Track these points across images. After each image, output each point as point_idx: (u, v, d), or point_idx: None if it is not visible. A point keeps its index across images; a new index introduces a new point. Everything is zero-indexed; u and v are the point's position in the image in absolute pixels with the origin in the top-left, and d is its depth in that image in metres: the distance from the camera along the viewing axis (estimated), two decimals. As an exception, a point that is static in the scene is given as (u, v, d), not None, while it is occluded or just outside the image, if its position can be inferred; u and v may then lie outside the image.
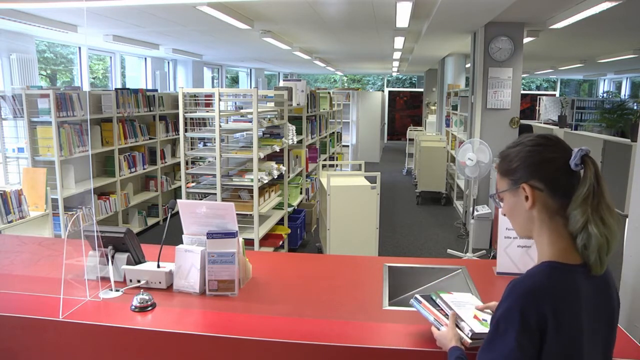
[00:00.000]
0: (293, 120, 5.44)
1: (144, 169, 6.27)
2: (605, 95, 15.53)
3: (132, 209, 6.10)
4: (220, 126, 3.93)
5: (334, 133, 7.90)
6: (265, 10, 5.35)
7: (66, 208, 4.80)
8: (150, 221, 6.45)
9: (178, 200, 2.04)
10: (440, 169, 7.96)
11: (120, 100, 5.61)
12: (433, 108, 12.96)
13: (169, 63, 10.63)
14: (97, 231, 1.91)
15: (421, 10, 5.23)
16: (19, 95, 4.49)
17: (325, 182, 4.43)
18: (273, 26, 6.42)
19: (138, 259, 2.02)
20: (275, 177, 4.54)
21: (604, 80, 17.08)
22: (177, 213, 2.01)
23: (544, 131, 7.72)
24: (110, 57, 8.91)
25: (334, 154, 7.91)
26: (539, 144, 1.18)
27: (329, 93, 7.44)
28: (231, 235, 1.91)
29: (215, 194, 4.04)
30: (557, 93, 18.84)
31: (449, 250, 5.46)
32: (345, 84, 22.16)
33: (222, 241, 1.90)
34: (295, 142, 5.24)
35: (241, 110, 4.60)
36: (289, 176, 5.07)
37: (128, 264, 1.99)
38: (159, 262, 1.97)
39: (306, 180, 5.89)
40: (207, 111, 4.20)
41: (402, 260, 2.31)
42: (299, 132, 5.48)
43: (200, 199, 4.21)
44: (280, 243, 4.72)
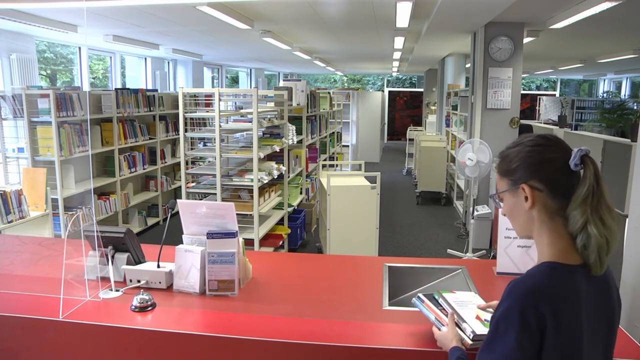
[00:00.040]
0: (293, 120, 5.44)
1: (144, 169, 6.27)
2: (605, 95, 15.53)
3: (132, 209, 6.10)
4: (220, 126, 3.93)
5: (334, 133, 7.90)
6: (265, 10, 5.35)
7: (66, 208, 4.80)
8: (150, 221, 6.45)
9: (178, 200, 2.04)
10: (440, 169, 7.96)
11: (120, 100, 5.61)
12: (433, 108, 12.96)
13: (169, 63, 10.63)
14: (97, 231, 1.91)
15: (421, 10, 5.23)
16: (19, 95, 4.49)
17: (325, 182, 4.43)
18: (273, 26, 6.43)
19: (138, 259, 2.02)
20: (275, 177, 4.54)
21: (604, 80, 17.08)
22: (177, 213, 2.01)
23: (544, 131, 7.72)
24: (110, 57, 8.91)
25: (334, 154, 7.91)
26: (539, 144, 1.18)
27: (329, 93, 7.44)
28: (231, 235, 1.91)
29: (215, 194, 4.04)
30: (557, 93, 18.84)
31: (449, 250, 5.46)
32: (345, 84, 22.15)
33: (222, 241, 1.90)
34: (295, 142, 5.24)
35: (241, 110, 4.60)
36: (289, 176, 5.07)
37: (128, 264, 1.99)
38: (159, 262, 1.98)
39: (306, 180, 5.89)
40: (207, 111, 4.20)
41: (402, 260, 2.31)
42: (299, 132, 5.48)
43: (200, 199, 4.21)
44: (280, 243, 4.72)
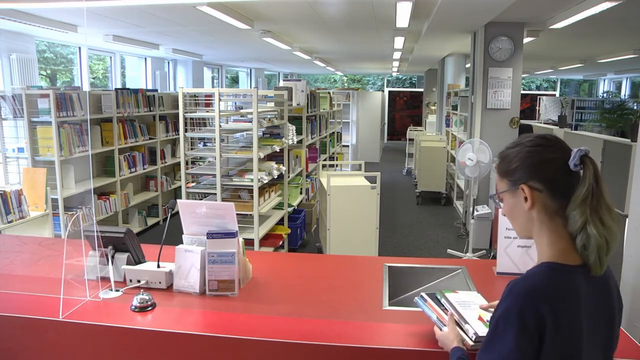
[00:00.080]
0: (293, 120, 5.44)
1: (144, 169, 6.27)
2: (605, 95, 15.53)
3: (132, 209, 6.10)
4: (220, 126, 3.93)
5: (334, 133, 7.90)
6: (265, 10, 5.35)
7: (66, 208, 4.80)
8: (150, 221, 6.45)
9: (178, 200, 2.04)
10: (440, 169, 7.95)
11: (120, 100, 5.61)
12: (433, 108, 12.96)
13: (169, 63, 10.63)
14: (97, 231, 1.91)
15: (421, 10, 5.23)
16: (19, 95, 4.49)
17: (325, 182, 4.43)
18: (273, 26, 6.43)
19: (138, 259, 2.02)
20: (275, 177, 4.54)
21: (604, 80, 17.08)
22: (177, 213, 2.01)
23: (544, 131, 7.73)
24: (110, 57, 8.91)
25: (334, 154, 7.91)
26: (538, 144, 1.18)
27: (329, 93, 7.44)
28: (231, 235, 1.91)
29: (215, 194, 4.04)
30: (557, 93, 18.84)
31: (449, 250, 5.46)
32: (345, 84, 22.15)
33: (222, 241, 1.90)
34: (295, 142, 5.24)
35: (241, 110, 4.60)
36: (289, 176, 5.07)
37: (128, 264, 1.99)
38: (159, 262, 1.98)
39: (306, 180, 5.89)
40: (207, 111, 4.20)
41: (402, 260, 2.32)
42: (299, 132, 5.48)
43: (200, 199, 4.21)
44: (280, 243, 4.72)
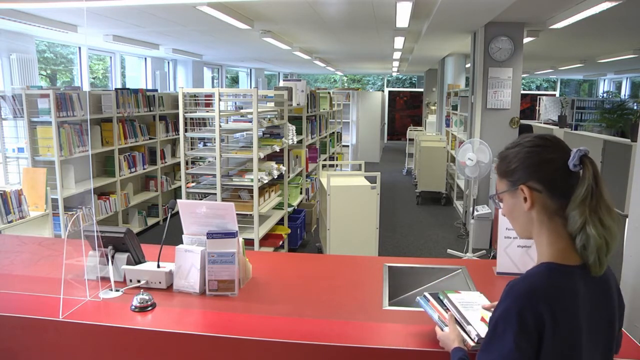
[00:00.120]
0: (293, 120, 5.44)
1: (144, 169, 6.27)
2: (605, 95, 15.53)
3: (132, 209, 6.10)
4: (220, 126, 3.93)
5: (334, 133, 7.90)
6: (265, 10, 5.35)
7: (66, 208, 4.80)
8: (150, 221, 6.45)
9: (178, 200, 2.04)
10: (440, 169, 7.96)
11: (120, 100, 5.61)
12: (433, 108, 12.96)
13: (169, 63, 10.63)
14: (97, 231, 1.91)
15: (421, 10, 5.23)
16: (19, 95, 4.49)
17: (325, 182, 4.43)
18: (273, 26, 6.43)
19: (138, 259, 2.02)
20: (275, 177, 4.54)
21: (604, 80, 17.08)
22: (177, 213, 2.01)
23: (544, 131, 7.72)
24: (110, 57, 8.91)
25: (334, 154, 7.91)
26: (538, 144, 1.18)
27: (329, 93, 7.44)
28: (231, 235, 1.91)
29: (215, 194, 4.04)
30: (557, 93, 18.84)
31: (449, 250, 5.46)
32: (345, 84, 22.15)
33: (222, 241, 1.90)
34: (295, 142, 5.24)
35: (241, 110, 4.60)
36: (289, 176, 5.07)
37: (128, 264, 1.99)
38: (159, 262, 1.98)
39: (306, 180, 5.89)
40: (207, 111, 4.20)
41: (402, 260, 2.32)
42: (299, 132, 5.48)
43: (200, 199, 4.21)
44: (280, 243, 4.72)
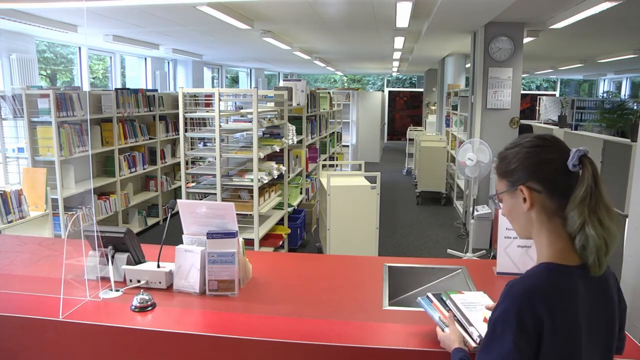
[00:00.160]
0: (293, 120, 5.44)
1: (144, 169, 6.27)
2: (605, 95, 15.53)
3: (132, 209, 6.10)
4: (220, 126, 3.93)
5: (334, 133, 7.90)
6: (265, 10, 5.35)
7: (66, 208, 4.80)
8: (150, 221, 6.45)
9: (178, 200, 2.04)
10: (440, 169, 7.96)
11: (120, 100, 5.61)
12: (433, 108, 12.96)
13: (169, 63, 10.63)
14: (97, 231, 1.91)
15: (421, 10, 5.23)
16: (19, 95, 4.49)
17: (325, 182, 4.43)
18: (273, 26, 6.43)
19: (138, 259, 2.02)
20: (275, 177, 4.54)
21: (604, 80, 17.08)
22: (177, 213, 2.01)
23: (544, 131, 7.72)
24: (110, 57, 8.91)
25: (334, 154, 7.91)
26: (537, 145, 1.18)
27: (329, 93, 7.44)
28: (231, 235, 1.91)
29: (215, 194, 4.04)
30: (557, 93, 18.84)
31: (449, 250, 5.46)
32: (345, 84, 22.15)
33: (222, 241, 1.90)
34: (295, 142, 5.24)
35: (241, 110, 4.60)
36: (289, 176, 5.07)
37: (128, 264, 1.99)
38: (159, 262, 1.98)
39: (306, 180, 5.89)
40: (207, 111, 4.20)
41: (402, 260, 2.32)
42: (299, 132, 5.48)
43: (200, 199, 4.21)
44: (280, 243, 4.72)
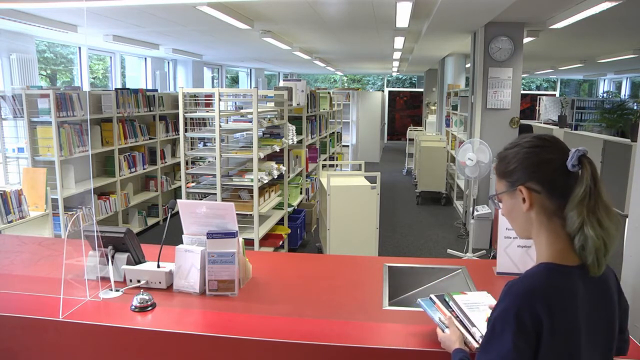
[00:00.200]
0: (293, 120, 5.44)
1: (144, 169, 6.27)
2: (605, 95, 15.53)
3: (132, 209, 6.10)
4: (220, 126, 3.93)
5: (334, 133, 7.90)
6: (265, 10, 5.35)
7: (66, 208, 4.80)
8: (150, 221, 6.45)
9: (178, 200, 2.04)
10: (440, 169, 7.96)
11: (120, 100, 5.61)
12: (433, 108, 12.96)
13: (169, 63, 10.63)
14: (97, 231, 1.91)
15: (421, 10, 5.23)
16: (19, 95, 4.49)
17: (325, 182, 4.43)
18: (273, 26, 6.43)
19: (138, 259, 2.02)
20: (275, 177, 4.54)
21: (604, 80, 17.08)
22: (177, 213, 2.01)
23: (544, 131, 7.72)
24: (110, 57, 8.91)
25: (334, 154, 7.91)
26: (536, 145, 1.18)
27: (329, 93, 7.44)
28: (231, 235, 1.91)
29: (215, 194, 4.04)
30: (557, 93, 18.84)
31: (449, 250, 5.46)
32: (345, 84, 22.15)
33: (222, 241, 1.90)
34: (295, 142, 5.24)
35: (241, 110, 4.60)
36: (289, 176, 5.07)
37: (128, 264, 1.99)
38: (159, 262, 1.98)
39: (306, 180, 5.89)
40: (207, 111, 4.20)
41: (402, 260, 2.32)
42: (299, 132, 5.48)
43: (200, 199, 4.21)
44: (280, 243, 4.72)
